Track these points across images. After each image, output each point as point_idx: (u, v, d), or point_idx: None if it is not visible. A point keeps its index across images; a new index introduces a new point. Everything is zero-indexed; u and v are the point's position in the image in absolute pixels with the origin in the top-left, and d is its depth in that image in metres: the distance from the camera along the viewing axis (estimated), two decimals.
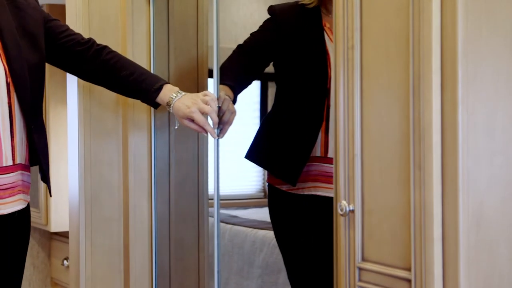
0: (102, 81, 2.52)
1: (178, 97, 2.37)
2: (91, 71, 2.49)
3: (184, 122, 2.36)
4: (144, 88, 2.41)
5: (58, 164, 4.13)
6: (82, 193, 2.80)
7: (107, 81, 2.51)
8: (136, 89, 2.44)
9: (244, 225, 4.73)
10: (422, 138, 1.59)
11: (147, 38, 2.85)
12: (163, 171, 2.84)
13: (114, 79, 2.46)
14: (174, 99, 2.36)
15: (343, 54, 1.80)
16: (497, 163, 1.60)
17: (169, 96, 2.38)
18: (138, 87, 2.43)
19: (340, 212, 1.80)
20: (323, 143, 2.50)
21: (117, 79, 2.46)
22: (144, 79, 2.43)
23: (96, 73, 2.49)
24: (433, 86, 1.57)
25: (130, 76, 2.43)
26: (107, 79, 2.49)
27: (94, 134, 2.81)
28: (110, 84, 2.52)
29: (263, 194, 5.98)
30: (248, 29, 2.74)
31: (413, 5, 1.62)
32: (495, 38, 1.60)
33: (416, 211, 1.61)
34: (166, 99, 2.38)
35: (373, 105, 1.73)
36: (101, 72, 2.47)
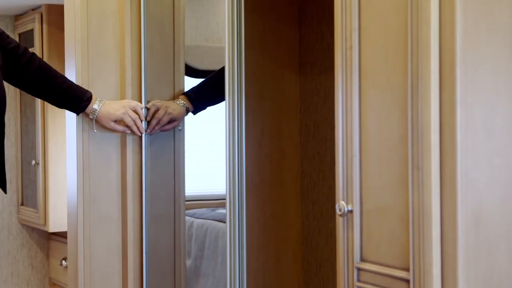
0: (34, 87, 2.68)
1: (102, 103, 2.71)
2: (25, 77, 2.65)
3: (110, 124, 2.71)
4: (78, 96, 2.68)
5: (57, 164, 4.13)
6: (81, 194, 2.80)
7: (40, 88, 2.67)
8: (69, 97, 2.68)
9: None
10: (420, 139, 1.59)
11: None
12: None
13: (47, 86, 2.66)
14: (99, 106, 2.70)
15: (342, 54, 1.80)
16: (496, 164, 1.60)
17: (93, 105, 2.70)
18: (71, 94, 2.68)
19: (339, 212, 1.79)
20: None
21: (51, 87, 2.66)
22: (75, 88, 2.70)
23: (29, 80, 2.65)
24: (431, 87, 1.57)
25: (64, 85, 2.67)
26: (40, 85, 2.66)
27: (92, 135, 2.80)
28: (41, 91, 2.68)
29: None
30: None
31: (412, 5, 1.62)
32: (493, 39, 1.60)
33: (415, 212, 1.61)
34: (92, 107, 2.69)
35: (371, 106, 1.73)
36: (35, 79, 2.65)
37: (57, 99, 2.71)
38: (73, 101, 2.69)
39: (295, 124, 2.84)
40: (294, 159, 2.83)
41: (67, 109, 2.74)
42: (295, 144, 2.83)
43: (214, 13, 3.11)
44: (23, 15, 4.45)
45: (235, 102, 2.46)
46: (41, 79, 2.66)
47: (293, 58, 2.84)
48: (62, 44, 3.02)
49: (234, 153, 2.46)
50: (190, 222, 3.08)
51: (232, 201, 2.45)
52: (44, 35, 4.18)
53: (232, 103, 2.46)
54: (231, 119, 2.46)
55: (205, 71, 3.07)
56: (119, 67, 2.86)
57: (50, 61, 4.12)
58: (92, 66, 2.83)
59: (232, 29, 2.44)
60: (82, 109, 2.70)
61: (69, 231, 2.90)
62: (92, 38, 2.83)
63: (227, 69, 2.45)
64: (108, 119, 2.72)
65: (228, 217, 2.46)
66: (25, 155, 4.39)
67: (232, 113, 2.46)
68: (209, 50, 3.11)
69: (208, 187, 3.18)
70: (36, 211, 4.21)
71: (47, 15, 4.16)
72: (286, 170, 2.82)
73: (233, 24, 2.44)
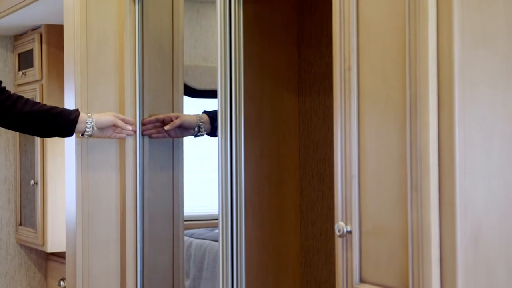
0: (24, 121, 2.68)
1: (93, 115, 2.73)
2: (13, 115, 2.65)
3: (107, 133, 2.76)
4: (65, 112, 2.69)
5: (55, 184, 4.12)
6: (79, 214, 2.80)
7: (29, 119, 2.67)
8: (58, 117, 2.68)
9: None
10: (419, 159, 1.59)
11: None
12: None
13: (35, 115, 2.66)
14: (91, 117, 2.72)
15: (340, 75, 1.81)
16: (494, 183, 1.60)
17: (86, 116, 2.72)
18: (60, 113, 2.68)
19: (338, 233, 1.79)
20: None
21: (39, 113, 2.66)
22: (62, 109, 2.72)
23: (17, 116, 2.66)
24: (430, 107, 1.58)
25: (52, 110, 2.68)
26: (29, 117, 2.66)
27: (92, 155, 2.80)
28: (30, 123, 2.68)
29: None
30: None
31: (410, 26, 1.63)
32: (491, 59, 1.60)
33: (414, 232, 1.61)
34: (84, 118, 2.71)
35: (370, 126, 1.73)
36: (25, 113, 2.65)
37: (48, 126, 2.69)
38: (62, 121, 2.68)
39: (294, 144, 2.84)
40: (293, 179, 2.83)
41: (61, 128, 2.72)
42: (294, 164, 2.83)
43: (213, 33, 3.12)
44: (22, 35, 4.46)
45: (227, 121, 2.45)
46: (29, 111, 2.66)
47: (292, 79, 2.85)
48: (62, 64, 3.03)
49: (227, 173, 2.45)
50: (188, 242, 3.07)
51: (225, 222, 2.44)
52: (44, 55, 4.19)
53: (225, 122, 2.45)
54: (223, 140, 2.44)
55: (203, 91, 3.08)
56: (118, 87, 2.86)
57: (49, 81, 4.14)
58: (91, 86, 2.84)
59: (224, 49, 2.45)
60: (72, 125, 2.69)
61: (68, 252, 2.89)
62: (91, 58, 2.84)
63: (219, 89, 2.45)
64: (103, 126, 2.74)
65: (220, 237, 2.45)
66: (24, 175, 4.38)
67: (225, 133, 2.45)
68: (207, 70, 3.12)
69: (207, 207, 3.18)
70: (35, 231, 4.21)
71: (47, 35, 4.18)
72: (285, 190, 2.82)
73: (225, 44, 2.45)
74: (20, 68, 4.47)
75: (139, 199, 2.83)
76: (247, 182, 2.52)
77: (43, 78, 4.19)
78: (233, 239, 2.43)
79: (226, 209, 2.43)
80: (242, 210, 2.44)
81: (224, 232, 2.43)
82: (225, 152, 2.44)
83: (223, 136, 2.44)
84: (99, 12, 2.85)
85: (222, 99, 2.45)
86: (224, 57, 2.45)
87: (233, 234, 2.44)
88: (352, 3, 1.78)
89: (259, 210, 2.73)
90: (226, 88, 2.45)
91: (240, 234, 2.44)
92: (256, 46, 2.73)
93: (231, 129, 2.44)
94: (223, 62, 2.45)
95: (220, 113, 2.44)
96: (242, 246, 2.44)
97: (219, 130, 2.45)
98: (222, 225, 2.44)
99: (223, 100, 2.45)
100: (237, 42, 2.44)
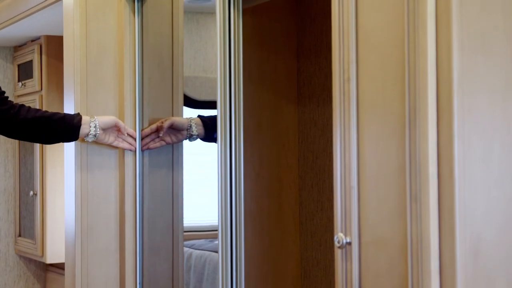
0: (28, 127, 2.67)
1: (96, 116, 2.73)
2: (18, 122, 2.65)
3: (110, 137, 2.76)
4: (68, 117, 2.69)
5: (54, 195, 4.12)
6: (79, 225, 2.80)
7: (34, 126, 2.66)
8: (61, 122, 2.67)
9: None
10: (418, 170, 1.59)
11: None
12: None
13: (40, 120, 2.65)
14: (94, 118, 2.72)
15: (339, 86, 1.81)
16: (493, 195, 1.60)
17: (89, 117, 2.72)
18: (63, 118, 2.68)
19: (337, 244, 1.79)
20: None
21: (42, 120, 2.65)
22: (64, 114, 2.72)
23: (21, 123, 2.65)
24: (429, 118, 1.58)
25: (54, 116, 2.68)
26: (33, 123, 2.65)
27: (91, 165, 2.80)
28: (35, 129, 2.67)
29: None
30: None
31: (409, 37, 1.63)
32: (490, 70, 1.61)
33: (413, 243, 1.61)
34: (87, 119, 2.71)
35: (369, 137, 1.73)
36: (26, 120, 2.64)
37: (52, 131, 2.69)
38: (67, 122, 2.68)
39: (293, 155, 2.84)
40: (292, 190, 2.83)
41: (65, 132, 2.71)
42: (293, 175, 2.83)
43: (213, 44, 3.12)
44: (22, 46, 4.47)
45: (227, 132, 2.44)
46: (32, 118, 2.66)
47: (291, 90, 2.85)
48: (61, 75, 3.03)
49: (226, 183, 2.44)
50: (188, 253, 3.07)
51: (224, 232, 2.43)
52: (43, 66, 4.19)
53: (224, 133, 2.44)
54: (222, 150, 2.44)
55: (203, 101, 3.08)
56: (117, 98, 2.87)
57: (49, 92, 4.14)
58: (91, 97, 2.84)
59: (224, 60, 2.45)
60: (76, 128, 2.68)
61: (67, 263, 2.89)
62: (91, 69, 2.84)
63: (219, 100, 2.44)
64: (107, 126, 2.74)
65: (220, 248, 2.44)
66: (23, 186, 4.38)
67: (224, 143, 2.44)
68: (207, 81, 3.12)
69: (207, 217, 3.18)
70: (34, 242, 4.20)
71: (46, 46, 4.18)
72: (284, 201, 2.82)
73: (225, 55, 2.45)
74: (20, 79, 4.47)
75: (138, 209, 2.83)
76: (247, 192, 2.51)
77: (42, 89, 4.19)
78: (232, 250, 2.43)
79: (225, 220, 2.43)
80: (242, 221, 2.44)
81: (224, 243, 2.43)
82: (225, 162, 2.44)
83: (223, 146, 2.43)
84: (99, 23, 2.85)
85: (222, 109, 2.44)
86: (224, 68, 2.45)
87: (233, 244, 2.43)
88: (351, 14, 1.78)
89: (258, 221, 2.73)
90: (226, 99, 2.45)
91: (239, 245, 2.44)
92: (255, 57, 2.73)
93: (230, 140, 2.43)
94: (222, 72, 2.45)
95: (219, 123, 2.44)
96: (242, 257, 2.44)
97: (218, 140, 2.44)
98: (222, 236, 2.43)
99: (223, 110, 2.44)
100: (236, 52, 2.45)
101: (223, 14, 2.43)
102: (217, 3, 2.43)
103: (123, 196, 2.83)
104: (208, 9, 2.96)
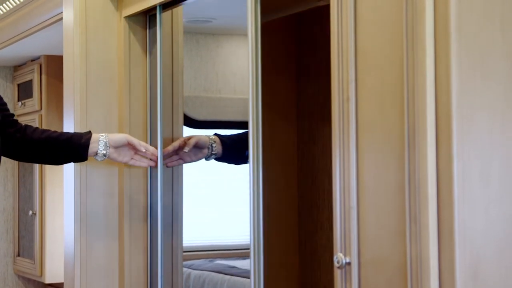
0: (35, 148, 2.58)
1: (107, 134, 2.59)
2: (20, 146, 2.57)
3: (125, 156, 2.60)
4: (76, 136, 2.57)
5: (54, 214, 4.12)
6: (78, 245, 2.79)
7: (39, 147, 2.57)
8: (68, 142, 2.55)
9: (243, 275, 4.69)
10: (417, 191, 1.59)
11: (143, 89, 2.87)
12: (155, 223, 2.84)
13: (46, 141, 2.55)
14: (104, 135, 2.57)
15: (339, 105, 1.81)
16: (493, 215, 1.59)
17: (99, 135, 2.57)
18: (70, 138, 2.56)
19: (337, 264, 1.78)
20: None
21: (49, 141, 2.55)
22: (72, 134, 2.61)
23: (27, 144, 2.56)
24: (428, 139, 1.58)
25: (62, 136, 2.57)
26: (38, 145, 2.56)
27: (90, 185, 2.80)
28: (40, 151, 2.58)
29: None
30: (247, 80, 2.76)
31: (407, 57, 1.63)
32: (489, 88, 1.61)
33: (413, 264, 1.60)
34: (97, 137, 2.56)
35: (368, 157, 1.73)
36: (32, 141, 2.56)
37: (59, 151, 2.58)
38: (74, 142, 2.55)
39: (292, 175, 2.84)
40: (291, 209, 2.82)
41: (73, 153, 2.58)
42: (292, 194, 2.83)
43: (213, 64, 3.13)
44: (22, 66, 4.48)
45: (260, 153, 2.35)
46: (38, 139, 2.57)
47: (290, 109, 2.85)
48: (61, 94, 3.03)
49: (259, 204, 2.36)
50: (187, 274, 3.05)
51: (257, 252, 2.35)
52: (43, 85, 4.20)
53: (257, 154, 2.35)
54: (255, 171, 2.36)
55: (203, 121, 3.08)
56: (117, 118, 2.87)
57: (48, 111, 4.15)
58: (91, 116, 2.84)
59: (256, 82, 2.37)
60: (84, 147, 2.54)
61: (66, 283, 2.88)
62: (91, 88, 2.85)
63: (251, 121, 2.35)
64: (118, 144, 2.58)
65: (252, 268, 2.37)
66: (22, 205, 4.38)
67: (256, 163, 2.36)
68: (208, 100, 3.12)
69: (206, 238, 3.17)
70: (33, 262, 4.19)
71: (46, 65, 4.20)
72: (283, 221, 2.81)
73: (257, 77, 2.37)
74: (20, 98, 4.48)
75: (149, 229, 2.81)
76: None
77: (42, 108, 4.20)
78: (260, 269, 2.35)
79: (258, 239, 2.35)
80: (261, 243, 2.35)
81: (256, 263, 2.34)
82: (257, 183, 2.34)
83: (255, 167, 2.35)
84: (99, 43, 2.86)
85: (254, 130, 2.35)
86: (256, 89, 2.36)
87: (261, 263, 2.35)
88: (350, 34, 1.78)
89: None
90: (258, 119, 2.37)
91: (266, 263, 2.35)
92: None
93: (258, 160, 2.36)
94: (255, 94, 2.35)
95: (252, 143, 2.34)
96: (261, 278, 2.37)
97: (250, 160, 2.34)
98: (254, 256, 2.34)
99: (255, 131, 2.34)
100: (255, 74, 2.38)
101: (255, 37, 2.35)
102: (248, 26, 2.35)
103: (122, 215, 2.83)
104: (208, 30, 2.97)
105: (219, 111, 3.01)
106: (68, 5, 2.90)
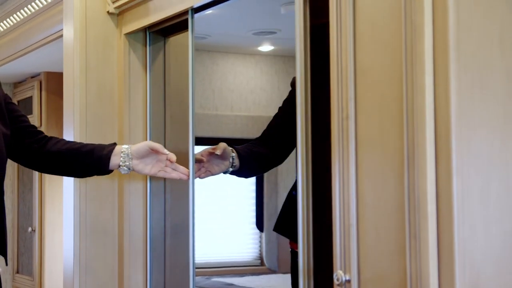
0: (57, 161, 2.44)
1: (129, 145, 2.41)
2: (38, 157, 2.44)
3: (150, 166, 2.39)
4: (99, 148, 2.41)
5: (53, 231, 4.11)
6: (77, 262, 2.79)
7: (59, 159, 2.43)
8: (90, 154, 2.40)
9: None
10: (417, 208, 1.59)
11: (143, 106, 2.88)
12: (158, 239, 2.83)
13: (66, 153, 2.41)
14: (127, 146, 2.39)
15: (338, 123, 1.81)
16: (492, 232, 1.59)
17: (122, 146, 2.40)
18: (92, 150, 2.40)
19: (337, 282, 1.78)
20: None
21: (69, 152, 2.40)
22: (95, 146, 2.43)
23: (48, 155, 2.43)
24: (427, 156, 1.58)
25: (84, 148, 2.41)
26: (58, 157, 2.42)
27: (90, 202, 2.80)
28: (61, 163, 2.44)
29: (260, 262, 5.92)
30: (244, 97, 2.76)
31: (407, 75, 1.64)
32: (488, 105, 1.61)
33: (413, 281, 1.60)
34: (119, 149, 2.38)
35: (368, 175, 1.73)
36: (54, 154, 2.42)
37: (82, 163, 2.43)
38: (95, 154, 2.40)
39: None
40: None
41: (93, 165, 2.42)
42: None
43: (210, 81, 3.13)
44: (22, 83, 4.49)
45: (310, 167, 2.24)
46: (58, 150, 2.43)
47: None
48: (61, 111, 3.04)
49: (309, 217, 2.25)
50: None
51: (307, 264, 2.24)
52: (43, 102, 4.21)
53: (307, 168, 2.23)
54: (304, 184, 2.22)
55: (200, 138, 3.08)
56: (117, 135, 2.87)
57: (48, 128, 4.15)
58: (91, 133, 2.85)
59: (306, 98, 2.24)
60: (107, 159, 2.38)
61: None
62: (90, 105, 2.85)
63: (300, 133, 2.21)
64: (142, 152, 2.39)
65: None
66: (22, 222, 4.38)
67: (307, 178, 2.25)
68: (204, 117, 3.12)
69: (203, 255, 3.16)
70: (32, 279, 4.18)
71: (46, 82, 4.21)
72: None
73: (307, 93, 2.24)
74: None
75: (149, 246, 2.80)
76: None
77: (42, 125, 4.20)
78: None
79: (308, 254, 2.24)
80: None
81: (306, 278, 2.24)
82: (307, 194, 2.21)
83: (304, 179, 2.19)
84: (99, 60, 2.87)
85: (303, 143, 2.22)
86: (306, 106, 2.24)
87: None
88: (350, 52, 1.79)
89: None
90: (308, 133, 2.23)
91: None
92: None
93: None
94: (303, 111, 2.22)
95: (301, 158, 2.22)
96: None
97: (300, 175, 2.17)
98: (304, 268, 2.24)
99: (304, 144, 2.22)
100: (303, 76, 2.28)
101: (304, 55, 2.24)
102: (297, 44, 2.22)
103: (122, 233, 2.83)
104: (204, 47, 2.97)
105: (215, 128, 3.00)
106: (68, 22, 2.91)
